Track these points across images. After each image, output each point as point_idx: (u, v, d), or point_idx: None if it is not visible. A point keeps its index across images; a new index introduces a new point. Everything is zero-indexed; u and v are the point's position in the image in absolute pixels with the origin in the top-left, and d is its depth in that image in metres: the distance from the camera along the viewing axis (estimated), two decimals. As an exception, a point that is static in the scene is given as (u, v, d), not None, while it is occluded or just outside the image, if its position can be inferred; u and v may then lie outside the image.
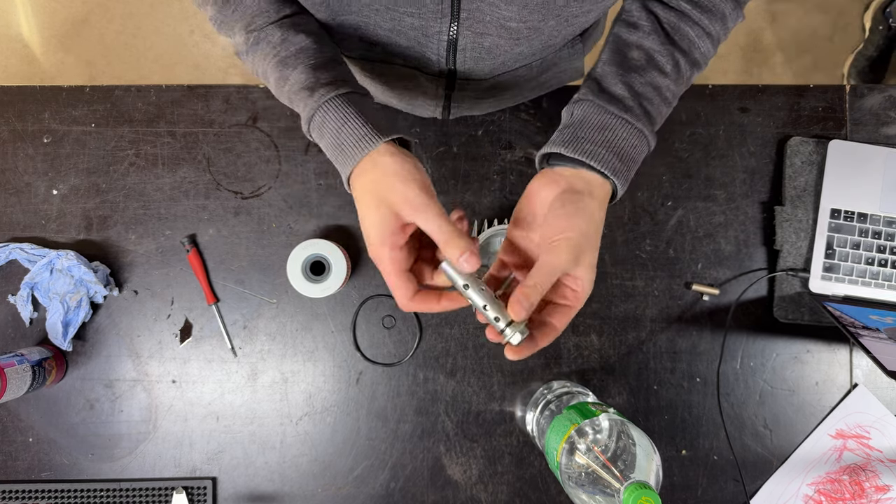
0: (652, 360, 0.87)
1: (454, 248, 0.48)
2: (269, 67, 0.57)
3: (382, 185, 0.50)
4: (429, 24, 0.56)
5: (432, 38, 0.58)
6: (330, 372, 0.87)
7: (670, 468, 0.86)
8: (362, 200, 0.52)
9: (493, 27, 0.56)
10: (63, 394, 0.86)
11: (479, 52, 0.60)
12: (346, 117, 0.52)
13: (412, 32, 0.58)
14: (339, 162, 0.53)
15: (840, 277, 0.85)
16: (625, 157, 0.53)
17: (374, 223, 0.50)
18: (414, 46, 0.61)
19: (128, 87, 0.89)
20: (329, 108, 0.53)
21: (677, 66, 0.56)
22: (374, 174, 0.50)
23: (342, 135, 0.52)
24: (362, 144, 0.51)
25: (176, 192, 0.88)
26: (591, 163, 0.52)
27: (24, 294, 0.85)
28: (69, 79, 1.79)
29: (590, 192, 0.53)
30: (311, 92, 0.53)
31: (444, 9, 0.54)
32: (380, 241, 0.50)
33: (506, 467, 0.86)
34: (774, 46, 1.80)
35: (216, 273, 0.87)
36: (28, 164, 0.88)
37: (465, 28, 0.56)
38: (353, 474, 0.86)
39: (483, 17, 0.55)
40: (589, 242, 0.51)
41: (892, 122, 0.89)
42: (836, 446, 0.86)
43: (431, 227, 0.49)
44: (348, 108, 0.52)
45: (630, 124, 0.54)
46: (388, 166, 0.50)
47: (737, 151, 0.89)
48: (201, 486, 0.85)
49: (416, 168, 0.50)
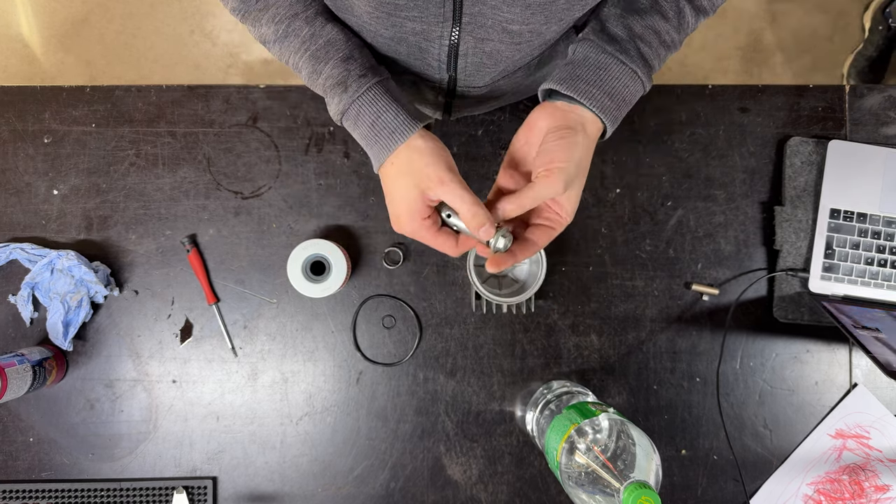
0: (652, 360, 0.87)
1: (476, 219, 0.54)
2: (301, 62, 0.59)
3: (416, 166, 0.55)
4: (431, 28, 0.56)
5: (433, 42, 0.58)
6: (330, 372, 0.87)
7: (670, 468, 0.86)
8: (397, 181, 0.56)
9: (495, 31, 0.56)
10: (63, 394, 0.86)
11: (480, 58, 0.60)
12: (380, 110, 0.56)
13: (413, 38, 0.58)
14: (374, 150, 0.57)
15: (840, 277, 0.85)
16: (616, 96, 0.56)
17: (404, 199, 0.55)
18: (415, 53, 0.61)
19: (128, 88, 0.89)
20: (364, 102, 0.57)
21: (681, 12, 0.58)
22: (408, 156, 0.56)
23: (377, 126, 0.56)
24: (397, 135, 0.55)
25: (176, 192, 0.88)
26: (583, 101, 0.55)
27: (25, 294, 0.85)
28: (69, 79, 1.79)
29: (583, 126, 0.56)
30: (345, 87, 0.57)
31: (447, 13, 0.54)
32: (410, 216, 0.55)
33: (506, 467, 0.86)
34: (774, 46, 1.80)
35: (216, 273, 0.87)
36: (28, 164, 0.88)
37: (466, 33, 0.56)
38: (353, 474, 0.86)
39: (485, 20, 0.55)
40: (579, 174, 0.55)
41: (891, 122, 0.89)
42: (836, 446, 0.86)
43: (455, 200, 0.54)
44: (381, 100, 0.56)
45: (624, 65, 0.56)
46: (419, 149, 0.55)
47: (737, 151, 0.89)
48: (201, 486, 0.85)
49: (443, 148, 0.56)
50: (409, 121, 0.56)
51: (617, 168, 0.89)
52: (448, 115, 0.80)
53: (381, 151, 0.56)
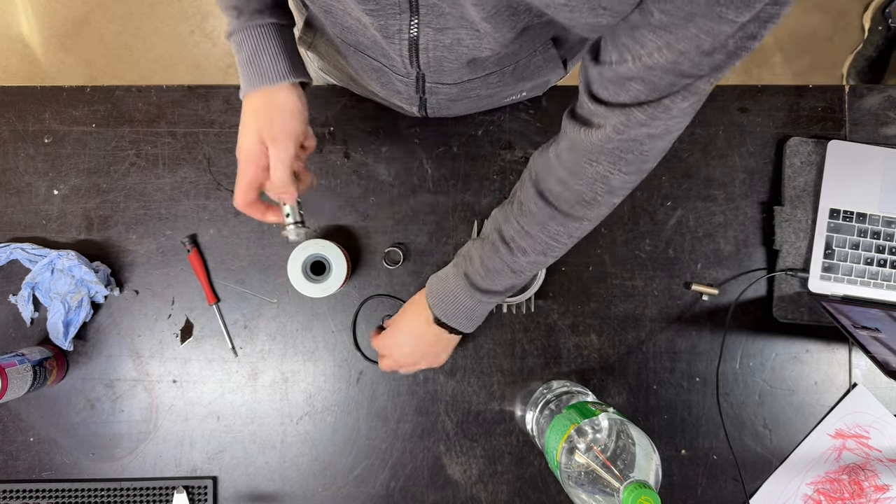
0: (651, 360, 0.87)
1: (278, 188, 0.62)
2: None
3: (266, 113, 0.61)
4: (389, 22, 0.55)
5: (394, 37, 0.58)
6: (330, 372, 0.87)
7: (670, 468, 0.86)
8: (247, 118, 0.62)
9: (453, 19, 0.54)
10: (64, 393, 0.86)
11: (441, 52, 0.59)
12: (261, 49, 0.61)
13: (373, 32, 0.58)
14: (244, 81, 0.62)
15: (839, 277, 0.85)
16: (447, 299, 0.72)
17: (247, 142, 0.61)
18: (378, 47, 0.61)
19: (128, 88, 0.89)
20: (246, 36, 0.61)
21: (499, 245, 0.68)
22: (266, 103, 0.61)
23: (253, 61, 0.61)
24: (265, 77, 0.60)
25: (176, 192, 0.88)
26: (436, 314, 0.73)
27: (25, 294, 0.85)
28: (69, 79, 1.79)
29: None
30: (238, 13, 0.61)
31: (402, 3, 0.53)
32: (248, 157, 0.61)
33: (506, 467, 0.86)
34: (774, 46, 1.80)
35: (217, 273, 0.87)
36: (29, 164, 0.88)
37: (424, 24, 0.55)
38: (353, 474, 0.86)
39: (442, 10, 0.53)
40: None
41: (891, 123, 0.89)
42: (836, 446, 0.86)
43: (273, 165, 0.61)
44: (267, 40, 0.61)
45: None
46: (278, 101, 0.61)
47: (736, 151, 0.89)
48: (202, 486, 0.85)
49: (299, 112, 0.61)
50: (282, 71, 0.60)
51: (617, 168, 0.89)
52: (425, 111, 0.79)
53: (247, 84, 0.61)
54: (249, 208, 0.64)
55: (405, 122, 0.89)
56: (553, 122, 0.89)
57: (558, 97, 0.89)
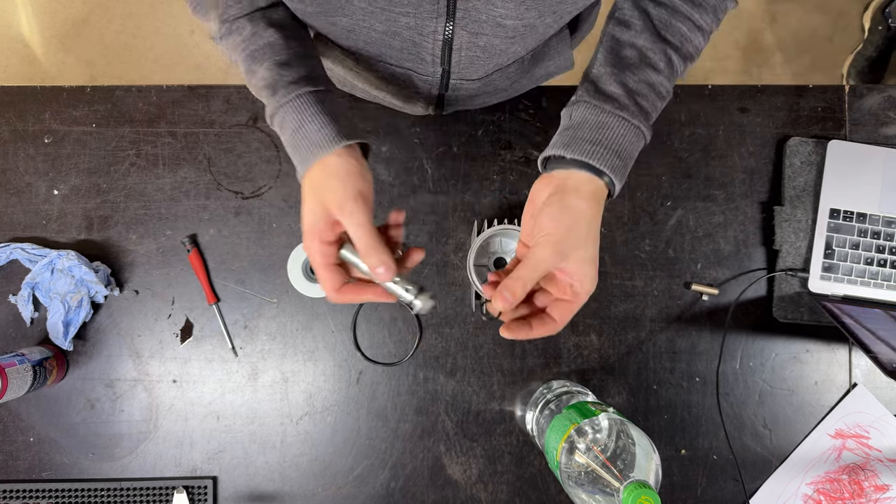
0: (651, 360, 0.87)
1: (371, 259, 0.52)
2: (240, 59, 0.59)
3: (324, 184, 0.53)
4: (424, 23, 0.56)
5: (427, 37, 0.58)
6: (330, 371, 0.87)
7: (670, 468, 0.86)
8: (306, 195, 0.55)
9: (489, 26, 0.56)
10: (64, 393, 0.86)
11: (474, 52, 0.61)
12: (304, 120, 0.55)
13: (407, 32, 0.58)
14: (295, 159, 0.56)
15: (839, 277, 0.85)
16: (622, 153, 0.55)
17: (307, 216, 0.53)
18: (408, 48, 0.61)
19: (128, 88, 0.89)
20: (290, 109, 0.55)
21: (670, 62, 0.58)
22: (321, 174, 0.54)
23: (299, 135, 0.55)
24: (316, 148, 0.54)
25: (176, 192, 0.88)
26: (591, 161, 0.53)
27: (25, 294, 0.85)
28: (69, 79, 1.79)
29: (576, 189, 0.54)
30: (274, 91, 0.56)
31: (440, 8, 0.54)
32: (310, 233, 0.53)
33: (506, 467, 0.86)
34: (774, 46, 1.80)
35: (217, 273, 0.87)
36: (29, 164, 0.88)
37: (460, 28, 0.57)
38: (353, 474, 0.86)
39: (479, 15, 0.55)
40: (575, 239, 0.53)
41: (891, 123, 0.89)
42: (836, 446, 0.86)
43: (354, 234, 0.52)
44: (308, 109, 0.55)
45: (626, 121, 0.55)
46: (332, 167, 0.53)
47: (736, 151, 0.89)
48: (202, 486, 0.85)
49: (359, 172, 0.53)
50: (332, 136, 0.53)
51: (617, 168, 0.89)
52: (440, 109, 0.80)
53: (300, 163, 0.55)
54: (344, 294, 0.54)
55: (405, 121, 0.89)
56: (553, 122, 0.89)
57: (558, 97, 0.89)
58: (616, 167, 0.54)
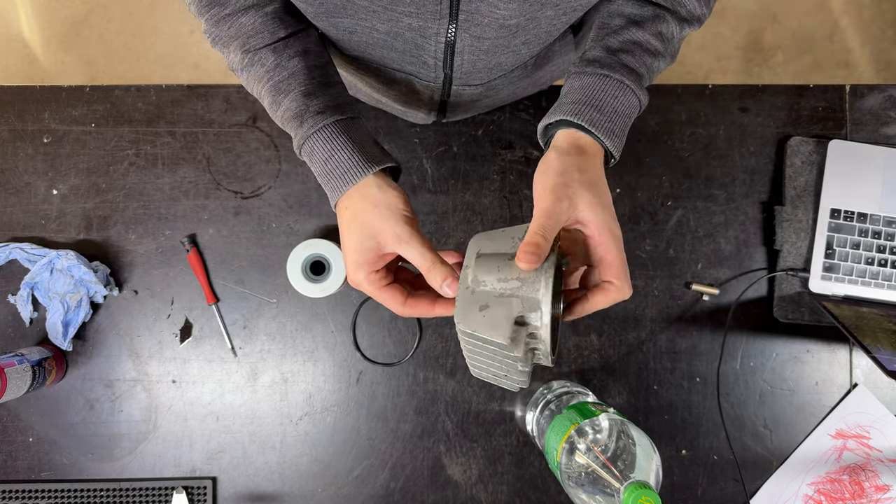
0: (652, 360, 0.87)
1: (435, 275, 0.51)
2: (263, 91, 0.58)
3: (369, 215, 0.52)
4: (427, 24, 0.56)
5: (430, 39, 0.58)
6: (330, 372, 0.87)
7: (670, 468, 0.86)
8: (348, 226, 0.54)
9: (492, 28, 0.56)
10: (63, 394, 0.86)
11: (476, 55, 0.60)
12: (333, 149, 0.54)
13: (409, 34, 0.58)
14: (328, 189, 0.55)
15: (840, 277, 0.85)
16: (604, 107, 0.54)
17: (356, 248, 0.53)
18: (411, 50, 0.61)
19: (128, 87, 0.89)
20: (317, 140, 0.55)
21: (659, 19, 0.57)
22: (361, 204, 0.53)
23: (329, 165, 0.54)
24: (349, 176, 0.53)
25: (176, 191, 0.88)
26: (566, 117, 0.53)
27: (24, 294, 0.85)
28: (69, 79, 1.79)
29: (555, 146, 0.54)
30: (301, 122, 0.55)
31: (443, 10, 0.54)
32: (356, 266, 0.52)
33: (506, 467, 0.86)
34: (774, 46, 1.80)
35: (216, 273, 0.87)
36: (28, 163, 0.88)
37: (462, 30, 0.56)
38: (353, 474, 0.86)
39: (481, 18, 0.54)
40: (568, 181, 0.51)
41: (891, 122, 0.89)
42: (836, 446, 0.86)
43: (415, 257, 0.51)
44: (336, 139, 0.54)
45: (607, 77, 0.55)
46: (374, 198, 0.53)
47: (737, 151, 0.89)
48: (201, 486, 0.85)
49: (400, 200, 0.53)
50: (363, 163, 0.53)
51: (617, 168, 0.89)
52: (442, 115, 0.79)
53: (332, 192, 0.55)
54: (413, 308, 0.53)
55: (405, 121, 0.88)
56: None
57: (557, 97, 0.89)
58: (597, 121, 0.53)
